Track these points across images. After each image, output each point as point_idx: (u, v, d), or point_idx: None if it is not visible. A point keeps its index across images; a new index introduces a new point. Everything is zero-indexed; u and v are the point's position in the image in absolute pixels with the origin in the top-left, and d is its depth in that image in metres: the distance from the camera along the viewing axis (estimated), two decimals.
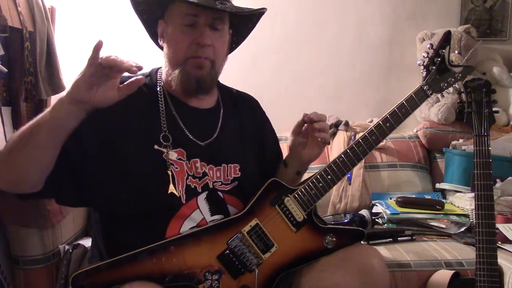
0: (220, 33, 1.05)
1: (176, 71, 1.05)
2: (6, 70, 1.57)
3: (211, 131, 1.11)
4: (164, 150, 1.03)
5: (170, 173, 1.02)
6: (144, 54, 2.07)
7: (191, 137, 1.07)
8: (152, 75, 1.13)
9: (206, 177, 1.06)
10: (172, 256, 0.97)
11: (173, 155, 1.04)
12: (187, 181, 1.04)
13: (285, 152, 1.94)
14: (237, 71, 2.14)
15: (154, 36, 1.14)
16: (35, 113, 1.84)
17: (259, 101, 1.30)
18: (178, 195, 1.02)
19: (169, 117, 1.07)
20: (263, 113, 1.28)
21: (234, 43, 1.18)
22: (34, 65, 1.70)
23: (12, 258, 1.32)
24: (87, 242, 1.38)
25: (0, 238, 1.32)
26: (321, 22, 2.21)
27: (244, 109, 1.21)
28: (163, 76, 1.11)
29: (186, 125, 1.08)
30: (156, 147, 1.03)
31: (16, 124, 1.68)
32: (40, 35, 1.73)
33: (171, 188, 1.01)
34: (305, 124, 1.15)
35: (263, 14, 1.11)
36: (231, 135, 1.13)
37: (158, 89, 1.09)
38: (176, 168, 1.03)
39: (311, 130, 1.13)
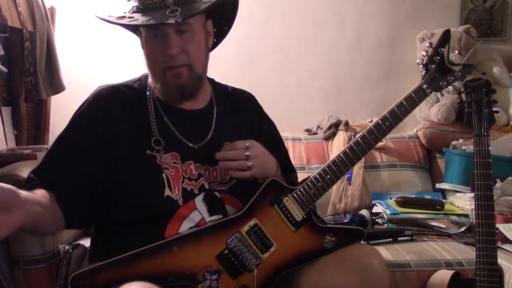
0: (190, 34, 1.01)
1: (158, 84, 1.05)
2: (6, 70, 1.58)
3: (204, 132, 1.10)
4: (157, 154, 1.03)
5: (164, 177, 1.01)
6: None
7: (184, 140, 1.07)
8: (142, 80, 1.12)
9: (201, 178, 1.06)
10: (171, 256, 0.97)
11: (167, 158, 1.03)
12: (183, 184, 1.03)
13: (289, 152, 1.96)
14: (237, 71, 2.14)
15: None
16: (35, 113, 1.86)
17: (258, 99, 1.27)
18: (174, 198, 1.02)
19: (160, 121, 1.06)
20: (260, 108, 1.26)
21: (225, 26, 1.15)
22: (34, 65, 1.70)
23: (12, 258, 1.32)
24: (87, 242, 1.38)
25: None
26: (321, 22, 2.21)
27: (240, 106, 1.20)
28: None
29: (178, 128, 1.07)
30: (148, 152, 1.03)
31: (16, 124, 1.69)
32: (40, 35, 1.73)
33: (167, 192, 1.01)
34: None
35: None
36: (227, 134, 1.11)
37: (147, 94, 1.09)
38: (172, 172, 1.03)
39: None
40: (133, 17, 0.98)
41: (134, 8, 1.01)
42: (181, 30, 1.00)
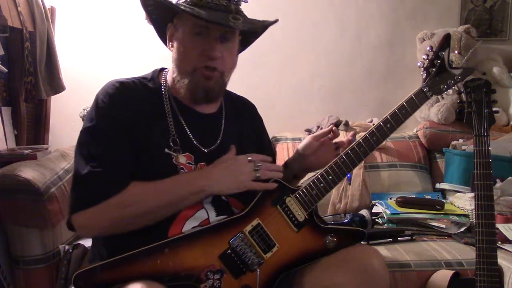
0: (231, 44, 1.04)
1: (185, 80, 1.04)
2: (6, 70, 1.58)
3: (214, 137, 1.11)
4: (174, 154, 1.03)
5: None
6: (144, 54, 2.08)
7: (196, 143, 1.07)
8: (155, 78, 1.11)
9: None
10: (174, 256, 0.97)
11: (182, 158, 1.04)
12: None
13: (283, 151, 1.95)
14: (237, 71, 2.10)
15: (162, 36, 1.12)
16: (35, 113, 1.86)
17: (258, 102, 1.30)
18: None
19: (176, 121, 1.07)
20: (259, 117, 1.29)
21: (242, 46, 1.17)
22: (34, 65, 1.70)
23: (12, 258, 1.32)
24: (87, 242, 1.38)
25: (0, 238, 1.32)
26: (321, 23, 2.21)
27: (243, 113, 1.22)
28: (169, 80, 1.10)
29: (192, 131, 1.08)
30: (166, 150, 1.03)
31: (16, 124, 1.69)
32: (40, 35, 1.73)
33: None
34: (329, 135, 1.19)
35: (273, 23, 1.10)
36: (233, 139, 1.13)
37: (163, 92, 1.08)
38: (186, 172, 1.03)
39: (329, 144, 1.19)
40: (193, 8, 0.98)
41: (190, 1, 1.00)
42: (225, 37, 1.02)
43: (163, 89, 1.09)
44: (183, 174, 1.02)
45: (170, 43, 1.08)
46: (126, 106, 1.02)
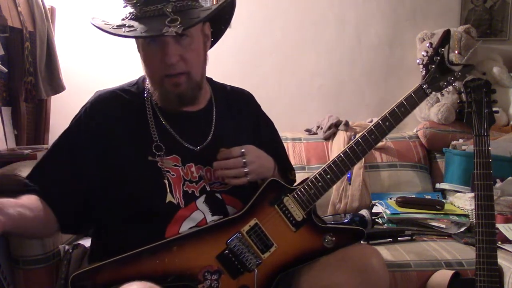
0: (188, 40, 0.99)
1: (156, 92, 1.04)
2: (6, 70, 1.58)
3: (205, 133, 1.09)
4: (158, 159, 1.02)
5: (166, 182, 1.01)
6: None
7: (184, 143, 1.06)
8: (139, 83, 1.11)
9: (203, 180, 1.06)
10: (171, 256, 0.97)
11: (168, 163, 1.03)
12: (184, 186, 1.03)
13: (289, 152, 1.95)
14: (237, 71, 2.14)
15: None
16: (35, 113, 1.86)
17: (258, 102, 1.28)
18: (176, 202, 1.02)
19: (159, 126, 1.06)
20: (258, 107, 1.26)
21: (223, 25, 1.14)
22: (34, 65, 1.70)
23: (12, 258, 1.32)
24: (87, 242, 1.38)
25: (0, 238, 1.32)
26: (321, 22, 2.21)
27: (238, 105, 1.19)
28: (150, 85, 1.09)
29: (178, 132, 1.06)
30: (150, 158, 1.02)
31: (16, 124, 1.69)
32: (40, 35, 1.73)
33: (169, 197, 1.01)
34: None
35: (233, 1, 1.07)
36: (227, 134, 1.11)
37: (145, 97, 1.08)
38: (173, 175, 1.03)
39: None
40: (132, 26, 0.96)
41: (131, 15, 0.99)
42: (180, 34, 0.97)
43: (145, 94, 1.08)
44: None
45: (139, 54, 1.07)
46: (104, 122, 1.03)
